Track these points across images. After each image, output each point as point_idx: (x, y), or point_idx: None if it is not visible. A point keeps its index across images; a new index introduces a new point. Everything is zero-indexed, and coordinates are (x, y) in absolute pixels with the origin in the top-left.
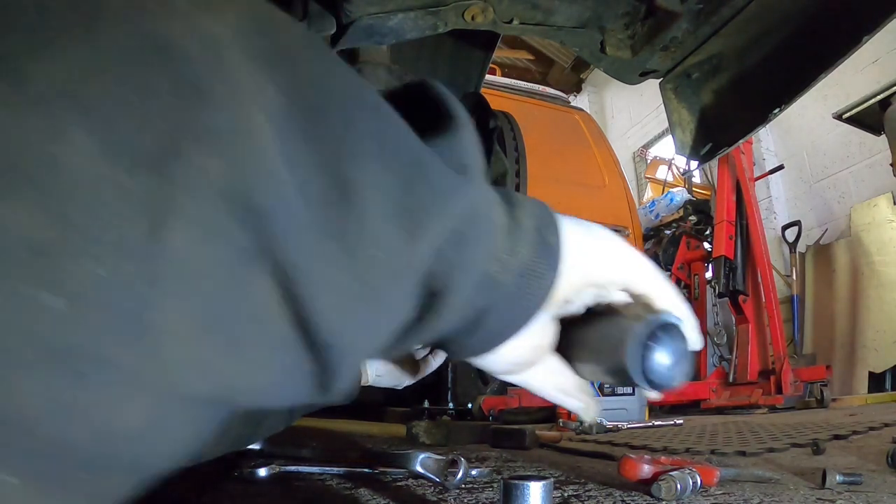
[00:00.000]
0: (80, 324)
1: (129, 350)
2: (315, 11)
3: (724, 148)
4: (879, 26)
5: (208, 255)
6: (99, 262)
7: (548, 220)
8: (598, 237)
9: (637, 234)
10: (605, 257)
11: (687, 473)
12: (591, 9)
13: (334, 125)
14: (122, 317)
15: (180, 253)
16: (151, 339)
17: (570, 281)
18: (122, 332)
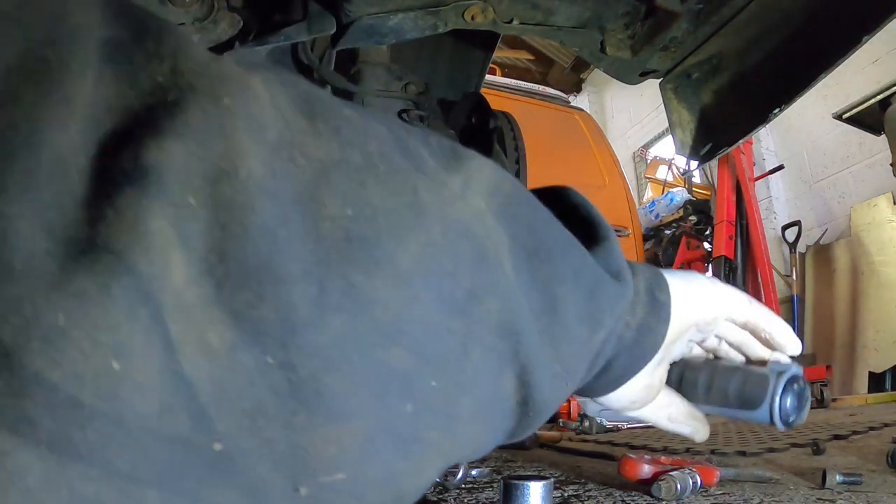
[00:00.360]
0: (421, 418)
1: (440, 432)
2: (315, 11)
3: (724, 148)
4: (879, 26)
5: (491, 368)
6: (437, 380)
7: (657, 280)
8: (696, 283)
9: (637, 234)
10: (702, 301)
11: (687, 473)
12: (591, 9)
13: (547, 259)
14: (442, 411)
15: (478, 368)
16: (453, 424)
17: (676, 328)
18: (440, 420)
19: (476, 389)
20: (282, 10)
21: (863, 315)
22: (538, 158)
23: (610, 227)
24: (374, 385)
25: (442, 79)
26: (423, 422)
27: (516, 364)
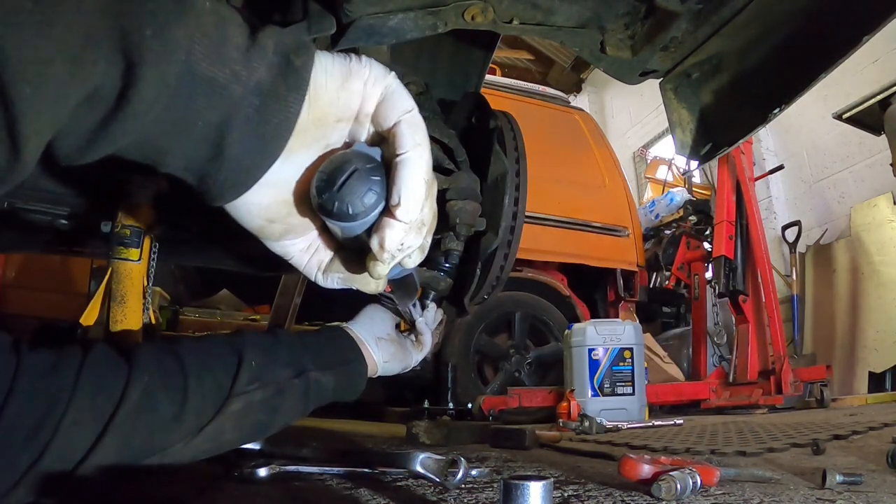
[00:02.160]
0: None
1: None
2: (315, 11)
3: (724, 148)
4: (879, 26)
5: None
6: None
7: (299, 46)
8: (359, 66)
9: (637, 234)
10: (362, 87)
11: (687, 473)
12: (591, 9)
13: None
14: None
15: None
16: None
17: (322, 109)
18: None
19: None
20: (282, 10)
21: (863, 315)
22: (538, 158)
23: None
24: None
25: (442, 79)
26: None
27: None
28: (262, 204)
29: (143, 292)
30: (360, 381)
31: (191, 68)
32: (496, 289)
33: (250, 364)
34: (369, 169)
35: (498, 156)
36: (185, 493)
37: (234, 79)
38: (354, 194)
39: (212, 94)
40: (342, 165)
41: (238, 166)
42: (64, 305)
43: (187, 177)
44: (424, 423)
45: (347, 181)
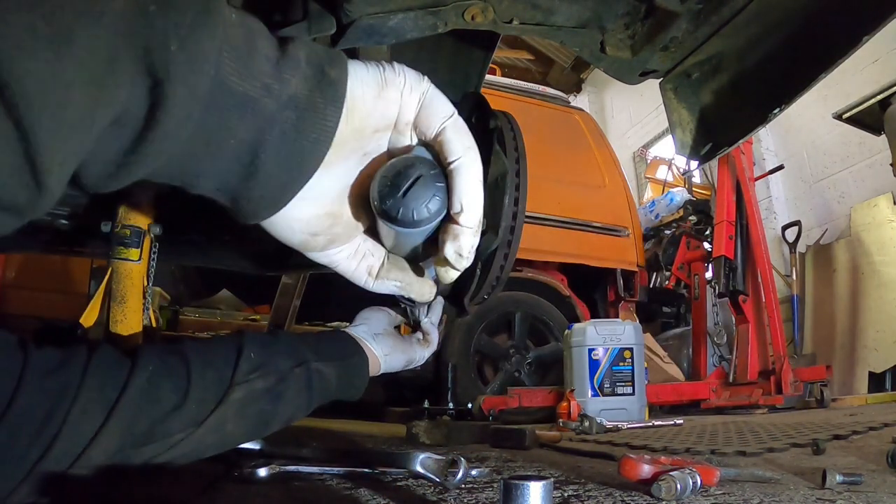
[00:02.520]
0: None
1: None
2: (315, 11)
3: (724, 148)
4: (879, 26)
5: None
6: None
7: (331, 56)
8: (393, 75)
9: (637, 234)
10: (398, 96)
11: (687, 473)
12: (591, 9)
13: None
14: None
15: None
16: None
17: (361, 120)
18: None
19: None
20: (282, 10)
21: (863, 315)
22: (538, 158)
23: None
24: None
25: (442, 79)
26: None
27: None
28: (303, 219)
29: (143, 292)
30: (362, 375)
31: (221, 83)
32: (496, 289)
33: (249, 355)
34: (434, 175)
35: (498, 156)
36: (185, 493)
37: (267, 93)
38: (420, 200)
39: (244, 109)
40: (406, 171)
41: (273, 183)
42: (64, 305)
43: (220, 197)
44: (424, 423)
45: (413, 187)
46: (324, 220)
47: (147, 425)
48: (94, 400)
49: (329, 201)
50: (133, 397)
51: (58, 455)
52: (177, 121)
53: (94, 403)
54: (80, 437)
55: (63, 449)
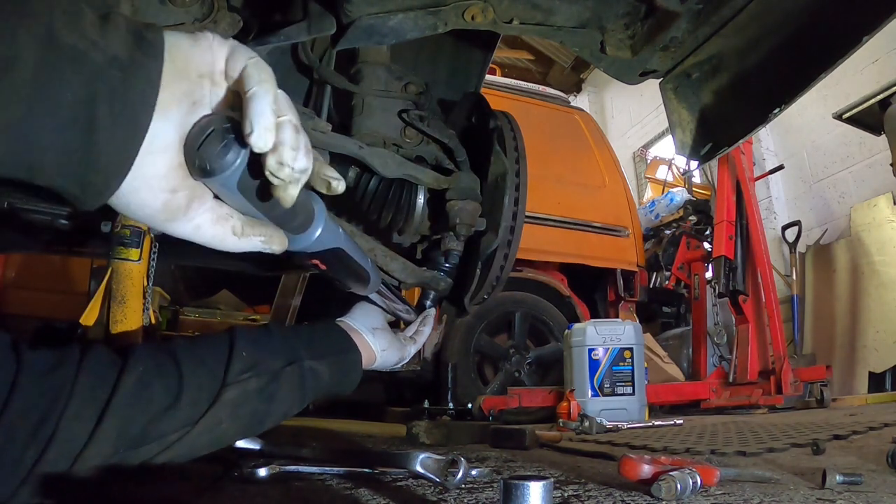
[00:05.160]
0: None
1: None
2: (315, 11)
3: (724, 148)
4: (879, 26)
5: None
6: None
7: (147, 25)
8: (202, 33)
9: (637, 234)
10: (209, 45)
11: (687, 473)
12: (591, 9)
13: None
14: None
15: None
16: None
17: (183, 61)
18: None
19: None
20: (282, 10)
21: (863, 315)
22: (538, 158)
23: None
24: None
25: (442, 79)
26: None
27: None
28: (159, 174)
29: (143, 292)
30: (355, 371)
31: (52, 36)
32: (496, 289)
33: (241, 353)
34: (226, 128)
35: (498, 156)
36: (185, 493)
37: (94, 47)
38: (211, 149)
39: (75, 62)
40: (203, 128)
41: (114, 141)
42: (64, 305)
43: (66, 183)
44: (424, 423)
45: (206, 139)
46: (178, 171)
47: (141, 426)
48: (87, 400)
49: (177, 150)
50: (124, 399)
51: (54, 456)
52: (23, 65)
53: (88, 404)
54: (75, 438)
55: (59, 450)
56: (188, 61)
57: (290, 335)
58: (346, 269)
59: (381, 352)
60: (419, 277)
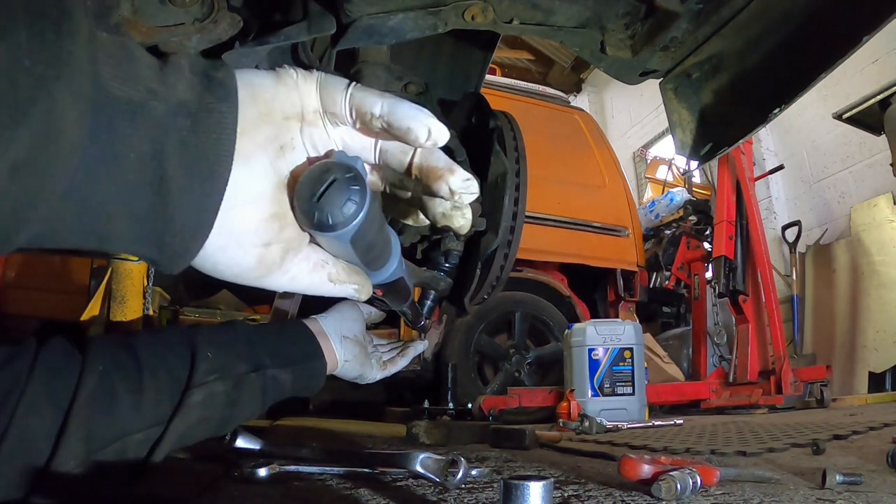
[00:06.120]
0: None
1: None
2: (315, 11)
3: (724, 148)
4: (879, 26)
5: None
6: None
7: (213, 62)
8: (283, 70)
9: (637, 234)
10: (295, 84)
11: (687, 473)
12: (591, 9)
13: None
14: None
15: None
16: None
17: (267, 104)
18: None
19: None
20: (282, 10)
21: (863, 315)
22: (538, 158)
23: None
24: None
25: (442, 79)
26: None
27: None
28: (249, 228)
29: (143, 292)
30: (318, 378)
31: (101, 88)
32: (496, 289)
33: (206, 355)
34: (349, 178)
35: (498, 156)
36: (185, 493)
37: (153, 96)
38: (334, 204)
39: (133, 115)
40: (321, 175)
41: (190, 198)
42: (64, 305)
43: (142, 247)
44: (424, 423)
45: (327, 192)
46: (272, 223)
47: (106, 427)
48: (40, 395)
49: (267, 200)
50: (87, 399)
51: (10, 451)
52: (69, 128)
53: (42, 399)
54: (31, 434)
55: (15, 445)
56: (272, 102)
57: (255, 338)
58: (399, 293)
59: (343, 362)
60: (419, 277)
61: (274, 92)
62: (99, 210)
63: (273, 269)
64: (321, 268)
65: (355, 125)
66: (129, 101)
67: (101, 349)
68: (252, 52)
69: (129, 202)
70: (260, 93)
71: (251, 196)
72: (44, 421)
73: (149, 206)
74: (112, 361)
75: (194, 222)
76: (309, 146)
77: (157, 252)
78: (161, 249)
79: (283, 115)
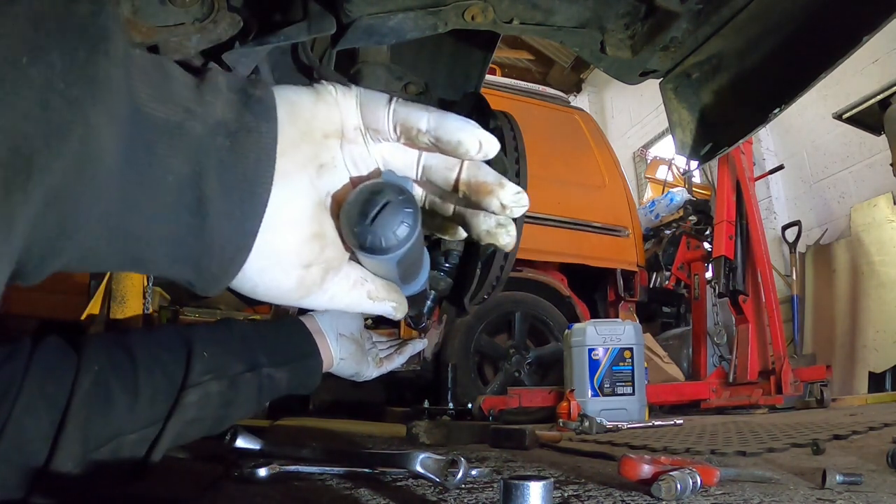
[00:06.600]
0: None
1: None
2: (315, 11)
3: (724, 148)
4: (879, 26)
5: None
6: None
7: (251, 80)
8: (321, 86)
9: (637, 234)
10: (334, 100)
11: (687, 473)
12: (591, 9)
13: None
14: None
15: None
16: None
17: (307, 122)
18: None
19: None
20: (282, 10)
21: (863, 315)
22: (538, 158)
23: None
24: None
25: (442, 79)
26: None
27: None
28: (290, 249)
29: (142, 292)
30: (314, 376)
31: (137, 110)
32: (496, 289)
33: (201, 355)
34: (402, 200)
35: (498, 156)
36: (185, 493)
37: (190, 116)
38: (388, 227)
39: (170, 136)
40: (374, 197)
41: (230, 220)
42: (64, 305)
43: (180, 271)
44: (424, 423)
45: (380, 213)
46: (312, 243)
47: (101, 428)
48: (36, 396)
49: (308, 221)
50: (82, 400)
51: (6, 452)
52: (105, 154)
53: (37, 400)
54: (27, 435)
55: (11, 445)
56: (312, 120)
57: (252, 336)
58: (419, 301)
59: (339, 360)
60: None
61: (314, 110)
62: (135, 234)
63: (313, 290)
64: (360, 286)
65: (399, 140)
66: (166, 121)
67: (97, 348)
68: (252, 51)
69: (166, 225)
70: (299, 111)
71: (291, 217)
72: (40, 422)
73: (186, 228)
74: (108, 361)
75: (233, 245)
76: (349, 164)
77: (194, 275)
78: (198, 272)
79: (323, 133)
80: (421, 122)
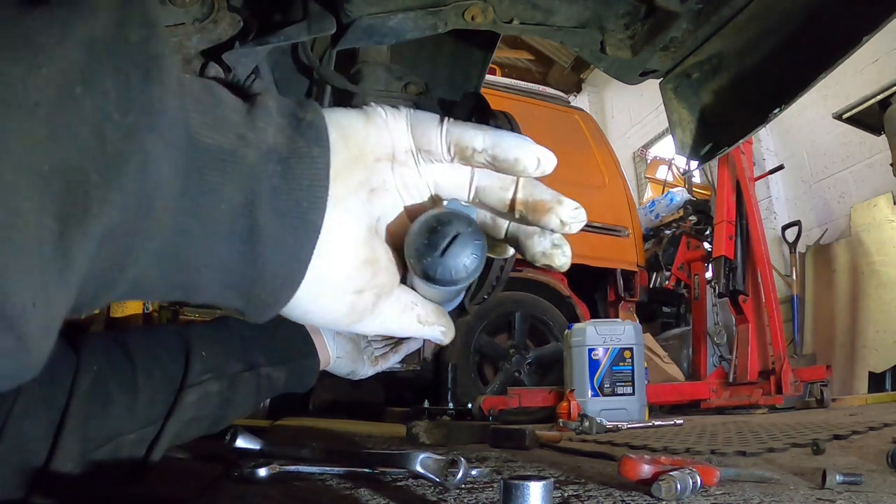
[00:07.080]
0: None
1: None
2: (315, 11)
3: (724, 148)
4: (879, 26)
5: None
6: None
7: (300, 103)
8: (371, 108)
9: (637, 234)
10: (384, 123)
11: (687, 473)
12: (591, 9)
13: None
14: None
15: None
16: None
17: (359, 146)
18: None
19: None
20: (282, 10)
21: (863, 315)
22: None
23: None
24: None
25: (442, 79)
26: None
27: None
28: (342, 276)
29: None
30: (311, 375)
31: (191, 140)
32: (496, 289)
33: (200, 354)
34: (471, 232)
35: None
36: (185, 493)
37: (243, 143)
38: (459, 259)
39: (224, 164)
40: (443, 228)
41: (283, 248)
42: None
43: (231, 298)
44: (424, 423)
45: (450, 246)
46: (364, 269)
47: (100, 428)
48: (34, 397)
49: (360, 247)
50: (81, 401)
51: (6, 453)
52: (163, 185)
53: (37, 401)
54: (26, 436)
55: (10, 447)
56: (363, 144)
57: (250, 335)
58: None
59: (335, 358)
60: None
61: (365, 133)
62: (187, 263)
63: (365, 316)
64: (410, 310)
65: (452, 161)
66: (219, 149)
67: (96, 348)
68: (252, 51)
69: (218, 254)
70: (351, 134)
71: (344, 243)
72: (39, 422)
73: (238, 256)
74: (107, 361)
75: (285, 272)
76: (400, 187)
77: (244, 302)
78: (249, 300)
79: (375, 156)
80: (476, 141)
